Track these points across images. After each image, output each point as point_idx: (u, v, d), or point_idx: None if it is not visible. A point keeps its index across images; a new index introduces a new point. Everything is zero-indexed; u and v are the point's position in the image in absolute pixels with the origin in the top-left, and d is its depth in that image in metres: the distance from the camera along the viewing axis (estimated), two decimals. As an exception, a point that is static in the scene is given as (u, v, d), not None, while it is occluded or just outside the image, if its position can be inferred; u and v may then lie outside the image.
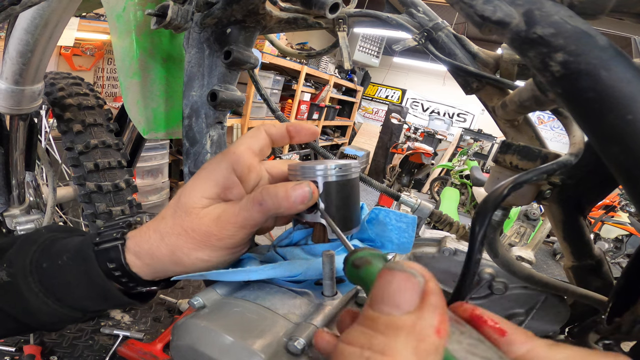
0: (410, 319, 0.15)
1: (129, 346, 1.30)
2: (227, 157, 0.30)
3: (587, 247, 0.45)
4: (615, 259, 3.37)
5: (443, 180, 4.92)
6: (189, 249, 0.28)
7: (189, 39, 0.48)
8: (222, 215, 0.28)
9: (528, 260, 0.70)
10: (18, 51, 0.76)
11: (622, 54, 0.18)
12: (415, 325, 0.15)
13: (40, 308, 0.32)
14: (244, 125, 3.03)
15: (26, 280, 0.31)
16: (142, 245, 0.30)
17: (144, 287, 0.32)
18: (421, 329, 0.15)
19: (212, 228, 0.28)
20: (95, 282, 0.31)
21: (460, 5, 0.23)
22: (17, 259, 0.32)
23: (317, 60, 4.49)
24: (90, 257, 0.31)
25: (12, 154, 1.15)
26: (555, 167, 0.28)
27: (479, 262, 0.24)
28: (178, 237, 0.28)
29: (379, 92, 7.24)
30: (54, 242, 0.34)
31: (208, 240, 0.28)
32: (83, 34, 2.28)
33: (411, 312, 0.15)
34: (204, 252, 0.28)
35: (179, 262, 0.29)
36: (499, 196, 0.25)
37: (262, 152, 0.32)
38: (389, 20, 0.45)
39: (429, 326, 0.15)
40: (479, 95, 0.42)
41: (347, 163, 0.30)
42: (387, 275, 0.16)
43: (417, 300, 0.15)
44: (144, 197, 2.40)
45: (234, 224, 0.27)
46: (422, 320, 0.15)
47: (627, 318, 0.28)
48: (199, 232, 0.28)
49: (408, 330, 0.15)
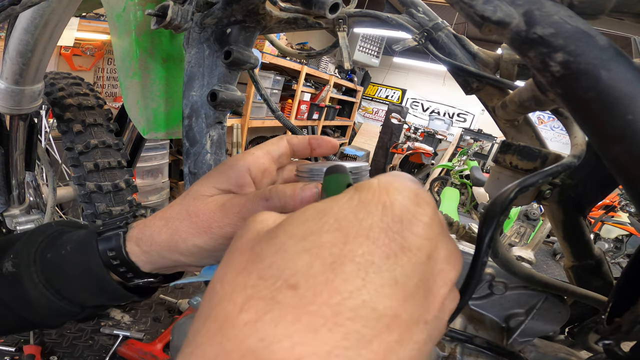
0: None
1: (129, 346, 1.30)
2: (245, 157, 0.30)
3: (587, 247, 0.45)
4: (615, 259, 3.37)
5: (443, 180, 4.92)
6: (188, 234, 0.28)
7: (189, 39, 0.48)
8: (227, 203, 0.28)
9: (528, 260, 0.70)
10: (18, 51, 0.76)
11: (622, 54, 0.18)
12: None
13: (39, 299, 0.32)
14: (244, 125, 3.02)
15: (28, 270, 0.32)
16: (145, 232, 0.30)
17: (141, 279, 0.32)
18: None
19: (215, 214, 0.28)
20: (93, 272, 0.31)
21: (460, 5, 0.23)
22: (23, 249, 0.33)
23: (317, 60, 4.49)
24: (92, 246, 0.31)
25: (12, 154, 1.15)
26: (560, 169, 0.28)
27: (485, 265, 0.24)
28: (181, 222, 0.29)
29: (379, 92, 7.24)
30: (62, 233, 0.34)
31: (209, 227, 0.28)
32: (83, 34, 2.28)
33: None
34: (202, 238, 0.28)
35: (175, 247, 0.29)
36: (506, 199, 0.25)
37: (280, 160, 0.32)
38: (389, 20, 0.45)
39: None
40: (479, 95, 0.42)
41: (359, 166, 0.29)
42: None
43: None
44: (144, 197, 2.40)
45: (237, 214, 0.27)
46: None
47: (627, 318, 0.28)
48: (202, 218, 0.28)
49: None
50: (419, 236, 0.16)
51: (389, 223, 0.16)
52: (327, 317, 0.13)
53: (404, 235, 0.16)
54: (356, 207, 0.16)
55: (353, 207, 0.17)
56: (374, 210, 0.16)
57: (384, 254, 0.15)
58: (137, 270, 0.31)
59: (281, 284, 0.14)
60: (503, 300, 0.46)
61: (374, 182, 0.18)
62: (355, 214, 0.16)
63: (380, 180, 0.18)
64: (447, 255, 0.18)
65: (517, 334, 0.45)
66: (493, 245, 0.36)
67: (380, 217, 0.16)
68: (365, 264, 0.15)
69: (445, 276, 0.18)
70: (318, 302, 0.14)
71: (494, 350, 0.43)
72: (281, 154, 0.32)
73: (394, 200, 0.17)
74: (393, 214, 0.16)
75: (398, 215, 0.16)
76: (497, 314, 0.47)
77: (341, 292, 0.14)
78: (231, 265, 0.17)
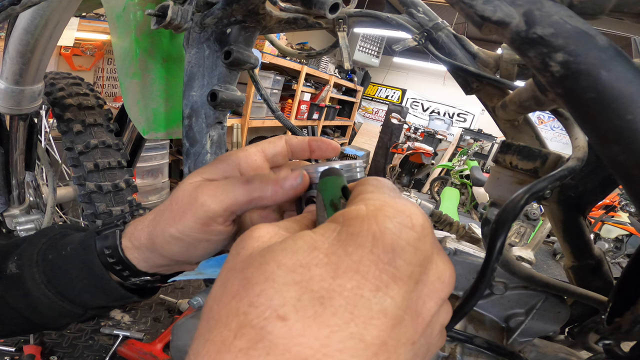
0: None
1: (129, 346, 1.30)
2: (237, 152, 0.30)
3: (587, 247, 0.45)
4: (615, 259, 3.37)
5: (443, 180, 4.92)
6: (165, 224, 0.28)
7: (189, 39, 0.48)
8: (204, 184, 0.27)
9: (528, 260, 0.70)
10: (18, 51, 0.76)
11: (622, 54, 0.18)
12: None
13: (42, 300, 0.32)
14: (244, 125, 3.03)
15: (31, 271, 0.32)
16: (137, 226, 0.30)
17: (137, 277, 0.32)
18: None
19: (192, 194, 0.27)
20: (93, 272, 0.31)
21: (460, 5, 0.23)
22: (26, 251, 0.33)
23: (317, 60, 4.49)
24: (91, 247, 0.31)
25: (12, 154, 1.15)
26: (567, 172, 0.28)
27: (494, 271, 0.24)
28: (163, 213, 0.28)
29: (379, 92, 7.24)
30: (64, 236, 0.35)
31: (183, 212, 0.27)
32: (83, 34, 2.28)
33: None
34: (177, 227, 0.27)
35: (154, 240, 0.29)
36: (517, 205, 0.25)
37: (275, 159, 0.31)
38: (389, 20, 0.45)
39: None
40: (479, 95, 0.42)
41: (350, 163, 0.30)
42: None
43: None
44: (144, 197, 2.40)
45: (213, 196, 0.26)
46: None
47: (627, 318, 0.28)
48: (179, 201, 0.27)
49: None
50: (411, 263, 0.16)
51: (379, 255, 0.16)
52: (316, 348, 0.14)
53: (396, 265, 0.16)
54: (345, 241, 0.16)
55: (342, 241, 0.17)
56: (363, 242, 0.16)
57: (373, 286, 0.15)
58: (133, 269, 0.31)
59: (270, 313, 0.15)
60: (503, 300, 0.46)
61: (361, 210, 0.18)
62: (345, 248, 0.16)
63: (368, 206, 0.18)
64: (440, 274, 0.18)
65: (517, 334, 0.45)
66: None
67: (370, 249, 0.16)
68: (354, 298, 0.15)
69: (437, 295, 0.18)
70: (307, 334, 0.14)
71: (494, 350, 0.43)
72: (276, 153, 0.31)
73: (384, 229, 0.17)
74: (384, 245, 0.16)
75: (389, 244, 0.16)
76: (497, 314, 0.47)
77: (330, 326, 0.14)
78: (226, 287, 0.17)
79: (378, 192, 0.20)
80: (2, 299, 0.33)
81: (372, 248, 0.16)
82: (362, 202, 0.19)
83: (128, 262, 0.31)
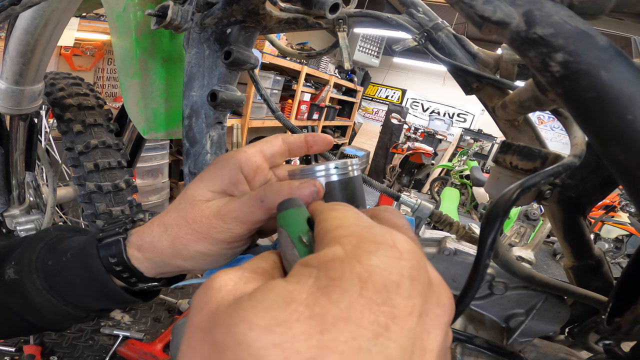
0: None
1: (129, 346, 1.30)
2: (237, 154, 0.30)
3: (587, 247, 0.45)
4: (615, 259, 3.37)
5: (443, 180, 4.92)
6: (189, 241, 0.28)
7: (189, 39, 0.48)
8: (223, 209, 0.28)
9: (528, 260, 0.70)
10: (18, 51, 0.76)
11: (622, 54, 0.18)
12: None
13: (44, 305, 0.32)
14: (244, 125, 3.02)
15: (31, 277, 0.32)
16: (145, 238, 0.30)
17: (145, 283, 0.32)
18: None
19: (212, 220, 0.28)
20: (97, 278, 0.31)
21: (460, 5, 0.23)
22: (23, 256, 0.33)
23: (317, 60, 4.49)
24: (93, 254, 0.31)
25: (12, 154, 1.15)
26: (562, 169, 0.28)
27: (487, 267, 0.24)
28: (180, 229, 0.29)
29: (379, 92, 7.24)
30: (61, 240, 0.34)
31: (208, 233, 0.28)
32: (83, 34, 2.28)
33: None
34: (203, 244, 0.28)
35: (178, 253, 0.29)
36: (508, 200, 0.25)
37: (273, 158, 0.32)
38: (389, 20, 0.45)
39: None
40: (479, 95, 0.42)
41: (347, 161, 0.30)
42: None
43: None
44: (144, 197, 2.40)
45: (234, 219, 0.27)
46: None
47: (627, 318, 0.28)
48: (200, 224, 0.28)
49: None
50: (410, 297, 0.15)
51: (371, 297, 0.14)
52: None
53: (393, 304, 0.14)
54: (327, 288, 0.14)
55: (323, 288, 0.14)
56: (349, 286, 0.14)
57: (371, 334, 0.13)
58: (141, 276, 0.31)
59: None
60: (503, 301, 0.46)
61: (338, 251, 0.16)
62: (328, 296, 0.14)
63: (344, 245, 0.16)
64: (438, 298, 0.17)
65: (517, 334, 0.45)
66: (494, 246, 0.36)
67: (359, 292, 0.14)
68: (351, 352, 0.13)
69: (440, 321, 0.16)
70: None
71: (494, 350, 0.43)
72: (274, 152, 0.31)
73: (372, 268, 0.15)
74: (374, 285, 0.14)
75: (380, 283, 0.14)
76: (497, 314, 0.47)
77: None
78: (196, 350, 0.15)
79: (345, 224, 0.18)
80: (1, 304, 0.33)
81: (361, 291, 0.14)
82: (334, 242, 0.17)
83: (136, 270, 0.31)
